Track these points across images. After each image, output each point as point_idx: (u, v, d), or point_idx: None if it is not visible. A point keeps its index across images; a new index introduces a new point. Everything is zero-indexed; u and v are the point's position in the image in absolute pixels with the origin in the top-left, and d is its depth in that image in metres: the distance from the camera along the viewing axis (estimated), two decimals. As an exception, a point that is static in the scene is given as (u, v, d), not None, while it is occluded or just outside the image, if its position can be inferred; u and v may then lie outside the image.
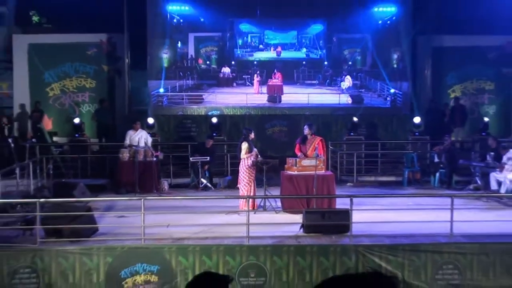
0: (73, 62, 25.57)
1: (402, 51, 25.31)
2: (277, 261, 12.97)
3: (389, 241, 13.38)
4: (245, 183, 16.16)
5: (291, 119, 24.43)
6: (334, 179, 16.51)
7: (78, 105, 25.66)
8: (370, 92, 25.47)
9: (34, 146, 21.15)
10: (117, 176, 19.31)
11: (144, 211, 13.24)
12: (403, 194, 17.91)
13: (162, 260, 12.93)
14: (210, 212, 15.50)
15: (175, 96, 25.05)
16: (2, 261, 12.79)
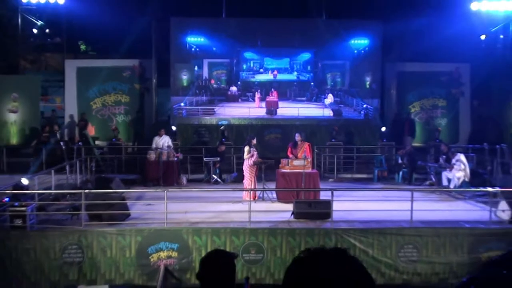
0: (111, 81, 25.58)
1: (373, 75, 25.30)
2: (272, 240, 12.97)
3: (361, 226, 13.38)
4: (247, 178, 16.22)
5: (284, 128, 24.43)
6: (318, 176, 16.54)
7: (115, 116, 25.65)
8: (347, 107, 25.43)
9: (81, 148, 21.13)
10: (145, 172, 19.30)
11: (166, 200, 13.25)
12: (373, 188, 17.95)
13: (181, 239, 12.92)
14: (219, 202, 15.50)
15: (192, 109, 25.03)
16: (55, 239, 12.79)
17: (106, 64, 25.73)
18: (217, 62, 25.55)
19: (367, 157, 22.73)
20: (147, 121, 25.62)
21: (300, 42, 24.91)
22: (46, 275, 12.80)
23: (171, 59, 24.78)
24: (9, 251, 12.74)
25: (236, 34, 24.78)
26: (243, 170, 16.37)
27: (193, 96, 25.15)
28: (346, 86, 25.66)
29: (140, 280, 12.94)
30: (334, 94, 25.45)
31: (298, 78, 25.67)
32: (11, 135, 24.14)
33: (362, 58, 25.20)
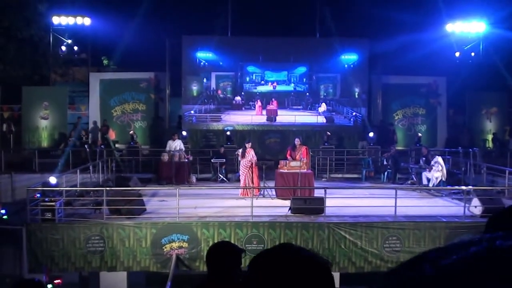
0: (130, 91, 25.55)
1: (361, 86, 25.27)
2: (272, 233, 12.97)
3: (351, 220, 13.39)
4: (241, 175, 16.43)
5: (283, 133, 24.42)
6: (313, 176, 16.54)
7: (133, 122, 25.62)
8: (339, 115, 25.39)
9: (103, 150, 21.11)
10: (159, 172, 19.29)
11: (178, 197, 13.26)
12: (361, 187, 17.94)
13: (191, 231, 12.92)
14: (225, 198, 15.49)
15: (201, 116, 25.01)
16: (80, 231, 12.80)
17: (125, 77, 25.72)
18: (223, 74, 25.51)
19: (356, 159, 22.72)
20: (161, 126, 25.60)
21: (296, 57, 24.93)
22: (73, 262, 12.81)
23: (182, 72, 24.76)
24: (40, 241, 12.75)
25: (240, 50, 24.80)
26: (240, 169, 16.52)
27: (202, 105, 25.13)
28: (337, 96, 25.63)
29: (155, 268, 12.93)
30: (327, 103, 25.42)
31: (295, 89, 25.64)
32: (42, 139, 24.20)
33: (352, 71, 25.18)
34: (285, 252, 1.34)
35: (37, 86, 25.18)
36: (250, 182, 16.12)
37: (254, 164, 16.35)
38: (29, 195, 13.13)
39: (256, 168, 16.41)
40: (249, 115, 25.11)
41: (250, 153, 16.31)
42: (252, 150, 16.55)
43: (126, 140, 24.12)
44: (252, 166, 16.23)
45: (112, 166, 19.72)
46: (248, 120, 25.04)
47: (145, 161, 21.95)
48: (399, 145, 24.38)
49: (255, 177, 16.32)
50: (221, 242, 3.58)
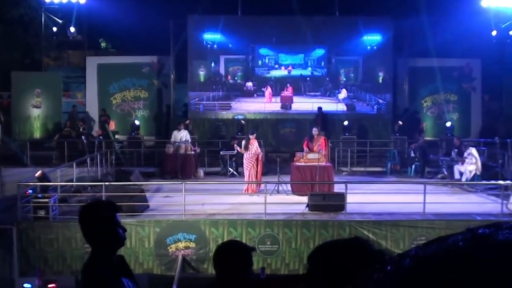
0: (131, 77, 25.57)
1: (386, 70, 25.12)
2: (287, 232, 12.94)
3: (375, 218, 13.35)
4: (246, 170, 16.31)
5: (299, 123, 24.34)
6: (332, 169, 16.52)
7: (135, 111, 25.65)
8: (360, 102, 25.28)
9: (101, 142, 21.15)
10: (164, 165, 19.31)
11: (184, 192, 13.25)
12: (386, 181, 17.84)
13: (198, 230, 12.91)
14: (235, 194, 15.47)
15: (209, 104, 25.00)
16: (77, 230, 12.74)
17: (125, 61, 25.72)
18: (233, 58, 25.46)
19: (380, 151, 22.60)
20: (165, 115, 25.61)
21: (314, 38, 24.76)
22: (68, 264, 12.84)
23: (188, 56, 24.74)
24: (32, 241, 12.77)
25: (252, 31, 24.72)
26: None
27: (210, 92, 25.11)
28: (359, 81, 25.51)
29: (159, 270, 12.93)
30: (348, 89, 25.30)
31: (312, 73, 25.54)
32: (34, 129, 24.24)
33: (375, 54, 25.03)
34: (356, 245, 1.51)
35: (28, 72, 25.15)
36: (254, 177, 16.10)
37: (260, 157, 16.31)
38: (20, 191, 13.14)
39: (261, 162, 16.38)
40: (261, 102, 25.07)
41: (254, 145, 16.23)
42: (256, 141, 16.47)
43: (127, 130, 24.15)
44: (258, 159, 16.17)
45: (111, 159, 19.74)
46: (260, 108, 25.00)
47: (148, 154, 21.96)
48: (428, 135, 24.22)
49: (260, 172, 16.30)
50: (229, 241, 3.57)
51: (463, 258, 0.96)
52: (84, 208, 3.41)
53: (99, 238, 3.26)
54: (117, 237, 3.30)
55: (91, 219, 3.29)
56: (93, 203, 3.50)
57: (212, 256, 3.40)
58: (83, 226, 3.31)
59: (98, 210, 3.36)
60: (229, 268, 3.27)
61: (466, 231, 1.04)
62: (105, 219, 3.28)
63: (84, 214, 3.34)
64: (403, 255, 1.07)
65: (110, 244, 3.29)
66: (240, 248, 3.40)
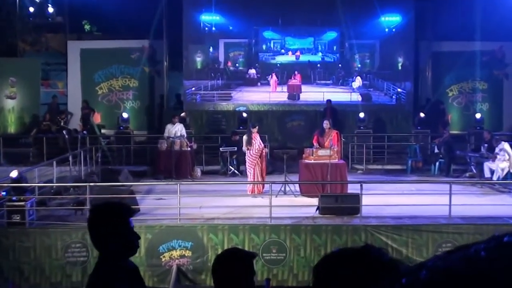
0: (119, 64, 25.52)
1: (406, 55, 25.08)
2: (296, 238, 12.92)
3: (394, 222, 13.33)
4: (249, 168, 16.23)
5: (308, 115, 24.29)
6: (346, 167, 16.49)
7: (123, 102, 25.63)
8: (377, 91, 25.26)
9: (85, 137, 21.15)
10: (156, 163, 19.30)
11: (179, 194, 13.24)
12: (407, 181, 17.81)
13: (195, 237, 12.91)
14: (237, 195, 15.45)
15: (207, 94, 25.00)
16: (57, 237, 12.80)
17: (112, 46, 25.68)
18: (234, 42, 25.47)
19: (400, 147, 22.58)
20: (158, 107, 25.59)
21: (325, 20, 24.74)
22: (47, 276, 12.82)
23: (183, 40, 24.72)
24: (6, 250, 12.76)
25: (255, 12, 24.63)
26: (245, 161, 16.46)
27: (208, 80, 25.11)
28: (376, 68, 25.50)
29: (151, 282, 12.91)
30: (363, 76, 25.27)
31: (323, 59, 25.53)
32: (8, 123, 24.18)
33: (393, 37, 24.98)
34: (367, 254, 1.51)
35: (1, 58, 25.16)
36: (259, 176, 16.09)
37: (264, 154, 16.33)
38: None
39: (265, 159, 16.41)
40: (265, 92, 25.07)
41: (256, 140, 16.21)
42: (258, 135, 16.45)
43: (114, 124, 24.14)
44: (261, 156, 16.15)
45: (97, 157, 19.73)
46: (265, 98, 25.01)
47: (138, 150, 21.98)
48: (453, 129, 24.18)
49: (264, 171, 16.31)
50: (229, 249, 3.60)
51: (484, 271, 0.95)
52: (94, 210, 3.48)
53: (109, 244, 3.31)
54: (130, 244, 3.34)
55: (101, 223, 3.34)
56: (105, 205, 3.52)
57: (212, 266, 3.40)
58: (92, 231, 3.38)
59: (110, 213, 3.40)
60: (230, 277, 3.29)
61: (490, 239, 1.03)
62: (118, 224, 3.32)
63: (94, 217, 3.40)
64: (420, 266, 1.06)
65: (121, 253, 3.34)
66: (241, 255, 3.42)
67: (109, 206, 3.52)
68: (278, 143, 22.84)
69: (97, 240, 3.33)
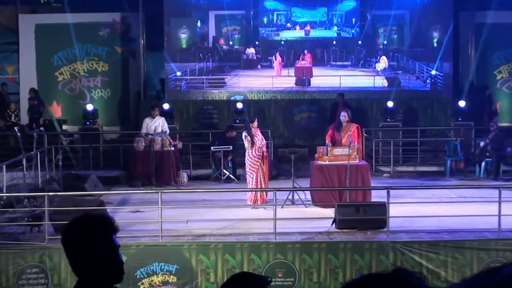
0: (83, 43, 25.52)
1: (443, 29, 25.08)
2: (307, 259, 12.94)
3: (430, 238, 13.34)
4: (251, 172, 16.22)
5: (321, 104, 24.31)
6: (369, 170, 16.50)
7: (90, 91, 25.64)
8: (408, 74, 25.28)
9: (42, 135, 21.13)
10: (132, 167, 19.34)
11: (161, 205, 13.27)
12: (445, 186, 17.84)
13: (181, 258, 12.92)
14: (233, 206, 15.47)
15: (194, 80, 25.02)
16: (8, 260, 12.81)
17: (75, 20, 25.58)
18: (227, 15, 25.45)
19: (436, 143, 22.62)
20: (133, 97, 25.59)
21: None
22: (-2, 308, 12.86)
23: (165, 12, 24.74)
24: None
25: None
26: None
27: (196, 63, 25.12)
28: (405, 46, 25.50)
29: (126, 315, 12.94)
30: (389, 56, 25.30)
31: (338, 35, 25.55)
32: None
33: (428, 7, 25.05)
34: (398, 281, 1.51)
35: None
36: (262, 181, 16.12)
37: (266, 153, 16.43)
38: None
39: (267, 160, 16.48)
40: (267, 76, 25.11)
41: (258, 136, 16.24)
42: (259, 130, 16.48)
43: (79, 118, 24.14)
44: (263, 156, 16.17)
45: (57, 160, 19.72)
46: (267, 84, 25.06)
47: (109, 151, 22.01)
48: (503, 120, 24.22)
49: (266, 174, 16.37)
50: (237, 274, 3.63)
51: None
52: (71, 225, 3.44)
53: (89, 267, 3.32)
54: (114, 266, 3.37)
55: (79, 240, 3.34)
56: (83, 218, 3.51)
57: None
58: (68, 251, 3.36)
59: (89, 228, 3.40)
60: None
61: None
62: (99, 242, 3.34)
63: (70, 234, 3.39)
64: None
65: (104, 277, 3.36)
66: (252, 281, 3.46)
67: (88, 219, 3.51)
68: (283, 140, 22.89)
69: (74, 262, 3.33)
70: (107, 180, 18.77)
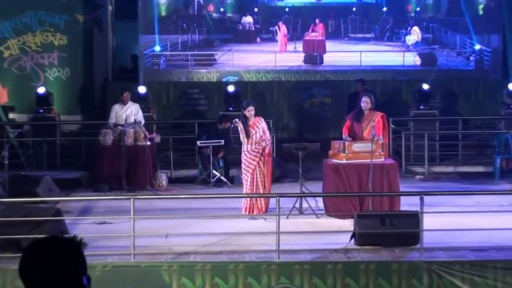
0: (36, 11, 25.51)
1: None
2: (318, 284, 12.92)
3: (474, 256, 13.31)
4: (246, 173, 16.24)
5: (337, 88, 24.28)
6: (397, 170, 16.47)
7: (44, 70, 25.60)
8: (446, 49, 25.33)
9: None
10: (97, 166, 19.38)
11: (134, 215, 13.19)
12: (494, 191, 17.85)
13: (159, 282, 12.91)
14: (225, 217, 15.46)
15: (176, 57, 25.07)
16: None
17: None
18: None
19: (483, 137, 22.59)
20: (99, 78, 25.56)
21: None
22: None
23: (138, -29, 24.80)
24: None
25: None
26: None
27: (178, 35, 25.16)
28: (443, 14, 25.57)
29: None
30: (423, 27, 25.33)
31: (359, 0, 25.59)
32: None
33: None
34: None
35: None
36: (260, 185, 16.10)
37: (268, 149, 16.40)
38: None
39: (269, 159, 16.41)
40: (269, 52, 25.16)
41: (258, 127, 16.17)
42: (261, 120, 16.42)
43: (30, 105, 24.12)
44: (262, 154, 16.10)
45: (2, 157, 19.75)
46: (267, 62, 25.12)
47: (69, 146, 22.02)
48: None
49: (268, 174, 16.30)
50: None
51: None
52: (29, 249, 3.45)
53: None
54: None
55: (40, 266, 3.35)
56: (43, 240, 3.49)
57: None
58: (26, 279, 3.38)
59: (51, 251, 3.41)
60: None
61: None
62: (64, 267, 3.37)
63: (29, 259, 3.39)
64: None
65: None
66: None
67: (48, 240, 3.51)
68: (289, 133, 22.90)
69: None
70: (66, 183, 18.80)
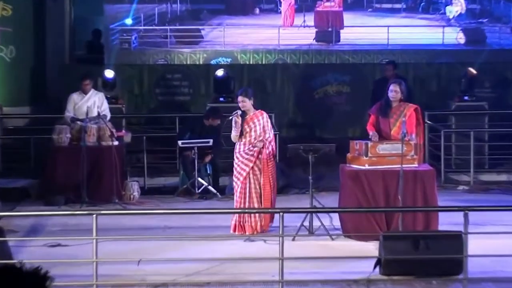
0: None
1: None
2: (334, 325, 12.95)
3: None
4: (236, 181, 16.29)
5: (358, 72, 24.31)
6: (435, 179, 16.44)
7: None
8: (498, 25, 25.32)
9: None
10: (50, 173, 19.36)
11: (97, 235, 13.16)
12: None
13: (130, 322, 12.94)
14: (214, 238, 15.45)
15: (152, 32, 25.05)
16: None
17: None
18: None
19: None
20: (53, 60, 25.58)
21: None
22: None
23: None
24: None
25: None
26: None
27: (155, 4, 25.16)
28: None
29: None
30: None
31: (386, -40, 25.70)
32: None
33: None
34: None
35: None
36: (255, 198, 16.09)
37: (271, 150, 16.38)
38: None
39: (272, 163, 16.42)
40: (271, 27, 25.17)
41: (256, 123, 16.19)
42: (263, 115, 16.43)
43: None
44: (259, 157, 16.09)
45: None
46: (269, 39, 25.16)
47: (13, 147, 22.02)
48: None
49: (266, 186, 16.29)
50: None
51: None
52: None
53: None
54: None
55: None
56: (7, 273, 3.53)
57: None
58: None
59: None
60: None
61: None
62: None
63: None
64: None
65: None
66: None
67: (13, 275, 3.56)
68: (296, 130, 22.92)
69: None
70: (9, 194, 18.77)
